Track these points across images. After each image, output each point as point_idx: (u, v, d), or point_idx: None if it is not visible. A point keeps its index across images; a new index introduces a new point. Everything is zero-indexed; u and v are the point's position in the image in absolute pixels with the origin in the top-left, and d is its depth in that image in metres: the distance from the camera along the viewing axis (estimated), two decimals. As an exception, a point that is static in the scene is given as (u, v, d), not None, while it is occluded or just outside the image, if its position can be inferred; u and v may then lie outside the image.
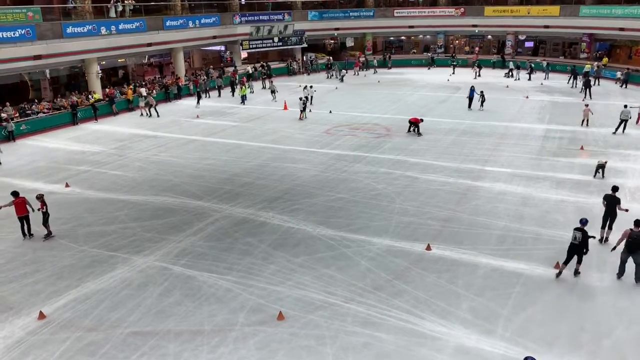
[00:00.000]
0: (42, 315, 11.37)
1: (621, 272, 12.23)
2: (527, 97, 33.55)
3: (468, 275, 12.53)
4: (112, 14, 35.41)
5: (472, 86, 31.31)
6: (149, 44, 36.82)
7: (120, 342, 10.48)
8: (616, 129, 24.53)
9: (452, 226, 15.22)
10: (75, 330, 10.92)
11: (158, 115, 31.50)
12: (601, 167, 18.57)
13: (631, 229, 11.81)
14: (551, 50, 49.29)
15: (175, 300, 11.90)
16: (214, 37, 43.08)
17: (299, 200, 17.55)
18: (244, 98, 35.18)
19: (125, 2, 36.44)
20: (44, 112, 29.60)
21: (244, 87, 36.32)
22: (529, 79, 40.45)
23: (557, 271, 12.39)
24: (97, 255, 14.16)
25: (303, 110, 29.45)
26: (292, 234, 15.04)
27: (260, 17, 46.73)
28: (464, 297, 11.64)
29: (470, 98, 30.55)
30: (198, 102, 34.60)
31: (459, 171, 19.77)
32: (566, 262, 12.25)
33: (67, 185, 19.57)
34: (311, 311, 11.32)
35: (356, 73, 46.75)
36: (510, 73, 42.08)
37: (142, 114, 31.96)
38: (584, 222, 12.15)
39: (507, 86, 37.82)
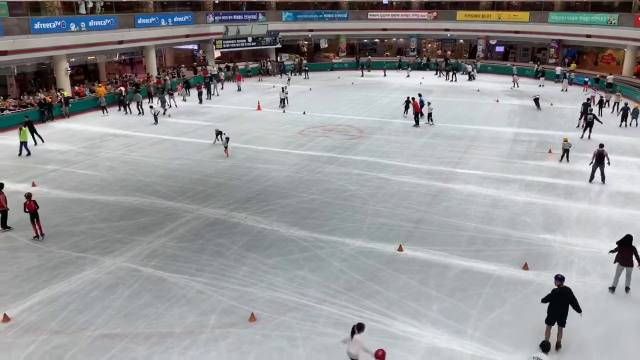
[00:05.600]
0: (6, 318, 11.06)
1: (591, 178, 18.58)
2: (497, 101, 34.13)
3: (439, 276, 12.67)
4: (82, 10, 34.81)
5: (419, 93, 30.06)
6: (120, 42, 36.26)
7: (87, 345, 10.26)
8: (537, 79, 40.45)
9: (423, 227, 15.37)
10: (40, 334, 10.64)
11: None
12: (566, 150, 20.97)
13: (597, 150, 18.21)
14: (521, 55, 50.33)
15: (145, 302, 11.71)
16: (187, 36, 42.69)
17: (272, 201, 17.49)
18: (22, 146, 22.94)
19: (96, -2, 35.81)
20: (10, 110, 28.82)
21: (22, 130, 23.17)
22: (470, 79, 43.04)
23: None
24: (65, 257, 13.84)
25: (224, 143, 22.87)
26: (265, 235, 14.98)
27: (234, 16, 46.47)
28: (435, 298, 11.76)
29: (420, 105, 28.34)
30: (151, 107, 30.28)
31: (431, 173, 19.99)
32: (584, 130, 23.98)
33: (33, 185, 19.07)
34: (283, 312, 11.28)
35: (239, 89, 38.91)
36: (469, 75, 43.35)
37: None
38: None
39: (479, 90, 38.42)
